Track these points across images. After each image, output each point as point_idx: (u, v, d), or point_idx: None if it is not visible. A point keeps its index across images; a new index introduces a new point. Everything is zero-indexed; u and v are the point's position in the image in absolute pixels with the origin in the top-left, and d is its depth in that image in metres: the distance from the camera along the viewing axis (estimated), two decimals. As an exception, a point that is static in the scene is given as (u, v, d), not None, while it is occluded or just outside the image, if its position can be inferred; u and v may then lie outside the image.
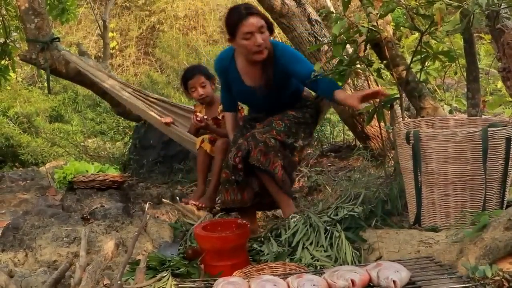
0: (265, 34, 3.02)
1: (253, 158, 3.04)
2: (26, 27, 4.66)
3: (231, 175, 3.15)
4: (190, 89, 3.88)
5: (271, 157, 3.04)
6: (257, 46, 3.00)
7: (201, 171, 3.76)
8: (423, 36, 3.03)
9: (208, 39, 13.19)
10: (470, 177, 2.54)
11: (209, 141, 3.70)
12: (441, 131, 2.68)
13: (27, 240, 2.85)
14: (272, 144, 3.05)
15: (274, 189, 3.13)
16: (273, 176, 3.06)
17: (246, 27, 2.97)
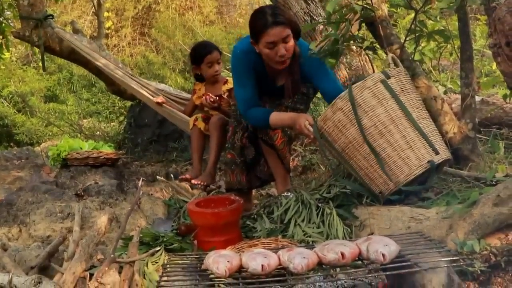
0: (289, 44, 2.84)
1: (262, 132, 3.09)
2: (19, 3, 4.63)
3: (238, 156, 3.18)
4: (207, 64, 3.78)
5: (279, 132, 3.04)
6: (279, 57, 2.83)
7: (196, 150, 3.74)
8: (418, 15, 3.03)
9: (205, 19, 13.11)
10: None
11: (202, 120, 3.70)
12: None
13: (21, 215, 2.86)
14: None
15: (277, 164, 3.15)
16: (279, 150, 3.09)
17: (270, 37, 2.79)
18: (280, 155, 3.11)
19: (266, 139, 3.09)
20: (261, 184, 3.42)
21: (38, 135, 8.75)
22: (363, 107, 2.61)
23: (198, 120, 3.71)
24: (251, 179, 3.28)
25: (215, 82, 3.89)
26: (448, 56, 5.33)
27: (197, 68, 3.86)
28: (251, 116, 3.04)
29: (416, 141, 2.61)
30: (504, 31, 1.73)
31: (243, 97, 3.03)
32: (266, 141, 3.09)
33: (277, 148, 3.08)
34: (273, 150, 3.11)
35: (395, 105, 2.62)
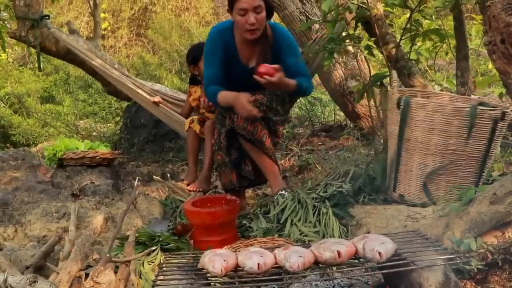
0: (261, 15, 2.96)
1: (239, 127, 2.97)
2: (15, 4, 4.62)
3: (226, 156, 3.12)
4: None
5: (258, 125, 2.98)
6: (249, 25, 2.94)
7: (192, 152, 3.74)
8: (413, 14, 3.03)
9: (201, 20, 13.10)
10: (451, 151, 2.57)
11: (198, 122, 3.69)
12: (432, 101, 2.70)
13: (17, 215, 2.85)
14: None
15: (262, 159, 3.07)
16: (261, 144, 3.01)
17: (242, 3, 2.93)
18: (264, 149, 3.03)
19: (244, 134, 2.98)
20: (249, 183, 3.28)
21: (34, 136, 8.73)
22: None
23: (194, 123, 3.70)
24: (240, 178, 3.19)
25: None
26: (444, 55, 5.35)
27: (194, 67, 3.87)
28: (208, 93, 3.12)
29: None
30: (499, 28, 1.73)
31: (207, 75, 3.13)
32: (244, 136, 2.99)
33: (258, 141, 3.00)
34: (254, 145, 3.03)
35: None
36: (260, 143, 3.01)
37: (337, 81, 4.33)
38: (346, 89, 4.31)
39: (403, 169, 2.75)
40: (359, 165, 3.18)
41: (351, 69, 4.34)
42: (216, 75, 3.11)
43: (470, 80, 3.40)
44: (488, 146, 2.60)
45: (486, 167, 2.66)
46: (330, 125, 5.24)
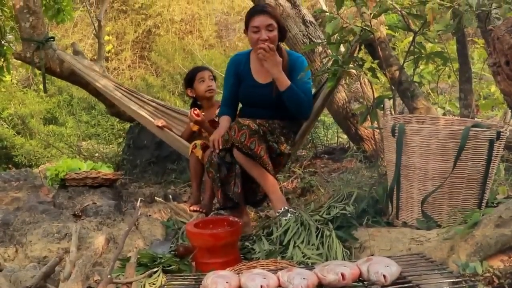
0: (273, 33, 3.18)
1: (237, 140, 2.99)
2: (21, 26, 4.65)
3: (215, 172, 3.12)
4: (199, 80, 3.83)
5: (256, 140, 3.00)
6: (261, 41, 3.14)
7: (194, 177, 3.72)
8: (416, 37, 3.05)
9: (204, 43, 13.21)
10: (450, 175, 2.55)
11: (201, 147, 3.67)
12: (426, 126, 2.70)
13: (18, 235, 2.84)
14: (255, 128, 3.03)
15: (262, 174, 3.07)
16: (260, 158, 3.02)
17: (255, 21, 3.17)
18: (263, 163, 3.05)
19: (241, 148, 3.01)
20: (233, 205, 3.21)
21: (37, 157, 8.73)
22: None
23: (196, 148, 3.67)
24: (224, 198, 3.16)
25: (210, 106, 3.90)
26: (446, 78, 5.37)
27: (191, 90, 3.89)
28: (219, 112, 3.48)
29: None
30: (504, 50, 1.73)
31: (222, 96, 3.47)
32: (242, 150, 3.01)
33: (256, 156, 3.01)
34: (254, 160, 3.03)
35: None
36: (259, 158, 3.02)
37: (340, 104, 4.34)
38: (349, 112, 4.31)
39: (404, 196, 2.74)
40: (362, 187, 3.16)
41: (354, 92, 4.35)
42: (228, 96, 3.42)
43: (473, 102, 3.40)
44: (487, 167, 2.59)
45: (487, 188, 2.65)
46: (333, 148, 5.23)
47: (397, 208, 2.76)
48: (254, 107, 3.32)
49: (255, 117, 3.20)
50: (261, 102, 3.29)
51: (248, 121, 3.06)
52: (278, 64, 3.12)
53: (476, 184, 2.61)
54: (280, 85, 3.14)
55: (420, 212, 2.65)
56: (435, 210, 2.64)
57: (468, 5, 2.70)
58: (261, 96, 3.28)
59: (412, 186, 2.68)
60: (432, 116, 3.11)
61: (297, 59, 3.32)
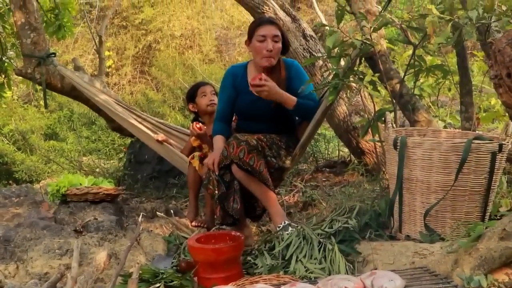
0: (278, 44, 3.19)
1: (236, 157, 2.98)
2: (22, 42, 4.66)
3: (214, 189, 3.10)
4: (201, 95, 3.82)
5: (255, 156, 2.99)
6: (267, 51, 3.15)
7: (192, 187, 3.71)
8: (416, 50, 3.06)
9: (204, 58, 13.25)
10: (453, 187, 2.54)
11: (198, 158, 3.67)
12: (428, 139, 2.69)
13: (19, 252, 2.82)
14: (254, 144, 3.02)
15: (261, 189, 3.06)
16: (259, 174, 3.01)
17: (262, 30, 3.17)
18: (262, 179, 3.03)
19: (240, 164, 2.99)
20: (233, 222, 3.18)
21: (37, 173, 8.72)
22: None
23: (194, 159, 3.67)
24: (224, 215, 3.13)
25: (211, 122, 3.89)
26: (447, 91, 5.37)
27: (193, 105, 3.89)
28: (213, 128, 3.40)
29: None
30: (505, 62, 1.73)
31: (218, 109, 3.44)
32: (241, 165, 3.00)
33: (256, 172, 3.00)
34: (252, 176, 3.02)
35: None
36: (258, 173, 3.01)
37: (341, 117, 4.34)
38: (350, 125, 4.31)
39: (406, 209, 2.72)
40: (364, 201, 3.16)
41: (355, 105, 4.35)
42: (223, 109, 3.38)
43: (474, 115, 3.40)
44: (489, 180, 2.58)
45: (489, 200, 2.64)
46: (334, 161, 5.23)
47: (400, 221, 2.75)
48: (252, 120, 3.32)
49: (252, 131, 3.21)
50: (259, 115, 3.29)
51: (247, 136, 3.06)
52: (275, 89, 3.09)
53: (479, 196, 2.60)
54: (287, 105, 3.15)
55: (423, 225, 2.64)
56: (438, 223, 2.63)
57: (468, 18, 2.71)
58: (259, 109, 3.27)
59: (415, 199, 2.67)
60: (433, 128, 3.10)
61: (291, 66, 3.33)
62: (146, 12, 13.05)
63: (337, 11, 2.97)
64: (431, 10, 2.82)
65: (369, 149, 4.25)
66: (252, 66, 3.34)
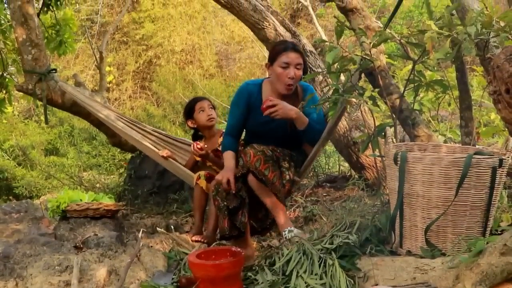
0: (299, 72, 3.20)
1: (252, 166, 3.04)
2: (23, 58, 4.68)
3: (221, 201, 3.15)
4: (198, 110, 3.84)
5: (270, 166, 3.05)
6: (289, 78, 3.16)
7: (198, 208, 3.71)
8: (416, 65, 3.07)
9: (205, 73, 13.33)
10: (454, 202, 2.54)
11: (205, 178, 3.67)
12: (428, 154, 2.70)
13: (18, 269, 2.80)
14: (270, 154, 3.09)
15: (271, 199, 3.12)
16: (272, 185, 3.06)
17: (287, 57, 3.17)
18: (274, 189, 3.08)
19: (256, 173, 3.06)
20: (239, 234, 3.22)
21: (38, 188, 8.74)
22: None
23: (200, 179, 3.67)
24: (231, 227, 3.18)
25: (212, 135, 3.90)
26: (447, 106, 5.38)
27: (192, 121, 3.89)
28: (223, 143, 3.43)
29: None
30: (503, 78, 1.74)
31: (228, 124, 3.42)
32: (257, 175, 3.06)
33: (269, 182, 3.05)
34: (265, 185, 3.08)
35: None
36: (271, 184, 3.05)
37: (341, 132, 4.35)
38: (350, 140, 4.32)
39: (407, 224, 2.71)
40: (365, 216, 3.15)
41: (355, 120, 4.37)
42: (234, 125, 3.39)
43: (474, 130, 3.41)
44: (490, 194, 2.58)
45: (490, 215, 2.63)
46: (334, 176, 5.23)
47: (401, 236, 2.74)
48: (262, 138, 3.31)
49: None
50: (271, 136, 3.30)
51: (263, 146, 3.11)
52: (287, 106, 3.11)
53: (480, 211, 2.59)
54: (299, 125, 3.17)
55: (424, 240, 2.63)
56: (439, 238, 2.62)
57: (466, 34, 2.73)
58: (272, 131, 3.30)
59: (416, 214, 2.66)
60: (434, 143, 3.11)
61: (307, 89, 3.36)
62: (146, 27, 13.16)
63: (337, 27, 2.99)
64: (430, 26, 2.84)
65: (370, 164, 4.26)
66: (267, 85, 3.34)
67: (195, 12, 13.57)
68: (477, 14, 2.80)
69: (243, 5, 4.38)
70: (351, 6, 3.89)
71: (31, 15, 4.55)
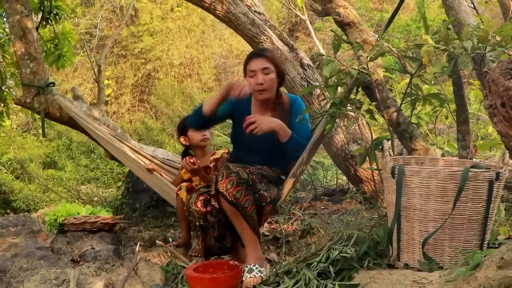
0: (269, 76, 3.16)
1: (223, 187, 2.85)
2: (21, 72, 4.68)
3: (196, 220, 3.09)
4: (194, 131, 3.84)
5: (243, 190, 2.87)
6: (257, 84, 3.14)
7: (182, 219, 3.68)
8: (413, 79, 3.09)
9: (203, 86, 13.37)
10: (451, 216, 2.54)
11: (185, 189, 3.65)
12: (425, 167, 2.70)
13: (15, 283, 2.79)
14: (245, 177, 2.90)
15: (243, 226, 2.93)
16: (244, 210, 2.88)
17: (251, 65, 3.18)
18: (245, 215, 2.90)
19: (226, 196, 2.85)
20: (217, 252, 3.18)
21: (35, 202, 8.72)
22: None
23: (181, 190, 3.65)
24: (207, 245, 3.13)
25: (204, 154, 3.88)
26: (444, 119, 5.40)
27: (185, 138, 3.88)
28: (190, 118, 3.38)
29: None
30: (499, 92, 1.75)
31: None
32: (226, 197, 2.86)
33: (240, 206, 2.87)
34: (237, 210, 2.89)
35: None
36: (242, 209, 2.88)
37: (338, 145, 4.36)
38: (348, 153, 4.33)
39: (405, 238, 2.71)
40: (362, 229, 3.14)
41: (352, 133, 4.38)
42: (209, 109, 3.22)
43: (472, 143, 3.42)
44: (487, 208, 2.58)
45: (487, 228, 2.63)
46: (332, 189, 5.23)
47: (398, 249, 2.74)
48: (246, 151, 3.28)
49: (246, 161, 3.15)
50: (255, 147, 3.23)
51: (239, 168, 2.95)
52: (268, 121, 3.06)
53: (477, 224, 2.59)
54: (281, 137, 3.08)
55: (422, 253, 2.63)
56: (437, 251, 2.62)
57: (463, 48, 2.75)
58: (258, 142, 3.19)
59: (413, 227, 2.66)
60: (431, 157, 3.12)
61: (294, 102, 3.30)
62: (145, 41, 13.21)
63: (334, 41, 3.00)
64: (426, 40, 2.86)
65: (367, 177, 4.26)
66: (254, 98, 3.32)
67: (193, 25, 13.65)
68: (473, 29, 2.83)
69: (241, 19, 4.41)
70: (348, 20, 3.93)
71: (29, 29, 4.57)
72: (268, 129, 3.04)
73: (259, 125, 3.01)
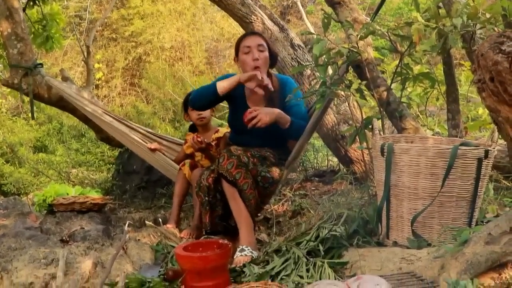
0: (264, 54, 3.23)
1: (223, 168, 2.97)
2: (8, 52, 4.64)
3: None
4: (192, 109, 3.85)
5: (242, 172, 2.98)
6: (253, 61, 3.18)
7: (178, 194, 3.72)
8: (403, 58, 3.07)
9: (194, 70, 13.29)
10: (440, 193, 2.55)
11: (190, 166, 3.67)
12: (414, 145, 2.70)
13: (3, 262, 2.77)
14: (245, 160, 3.02)
15: (239, 208, 3.02)
16: (242, 192, 3.00)
17: (246, 42, 3.24)
18: (244, 197, 3.01)
19: (226, 176, 2.98)
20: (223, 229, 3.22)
21: (26, 185, 8.68)
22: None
23: (185, 166, 3.68)
24: (213, 222, 3.17)
25: (206, 130, 3.90)
26: (435, 101, 5.41)
27: (186, 115, 3.91)
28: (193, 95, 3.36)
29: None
30: (488, 66, 1.74)
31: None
32: (226, 177, 2.99)
33: (239, 187, 2.99)
34: (235, 189, 3.01)
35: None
36: (241, 191, 2.99)
37: (329, 126, 4.35)
38: (338, 134, 4.33)
39: (394, 215, 2.72)
40: (352, 208, 3.15)
41: (343, 114, 4.37)
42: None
43: (462, 123, 3.42)
44: (476, 186, 2.59)
45: (476, 206, 2.64)
46: (323, 170, 5.23)
47: (387, 227, 2.75)
48: (245, 134, 3.28)
49: (245, 144, 3.20)
50: (256, 131, 3.20)
51: (240, 151, 3.04)
52: (269, 113, 3.08)
53: (466, 202, 2.60)
54: (282, 125, 3.15)
55: (411, 231, 2.64)
56: (426, 229, 2.63)
57: (453, 26, 2.74)
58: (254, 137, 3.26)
59: (402, 205, 2.67)
60: (421, 136, 3.12)
61: (286, 82, 3.35)
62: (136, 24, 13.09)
63: (324, 19, 2.98)
64: (416, 18, 2.84)
65: (358, 158, 4.26)
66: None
67: (184, 8, 13.53)
68: (463, 6, 2.81)
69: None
70: (338, -1, 3.89)
71: (16, 8, 4.52)
72: (269, 121, 3.08)
73: (260, 119, 3.05)
